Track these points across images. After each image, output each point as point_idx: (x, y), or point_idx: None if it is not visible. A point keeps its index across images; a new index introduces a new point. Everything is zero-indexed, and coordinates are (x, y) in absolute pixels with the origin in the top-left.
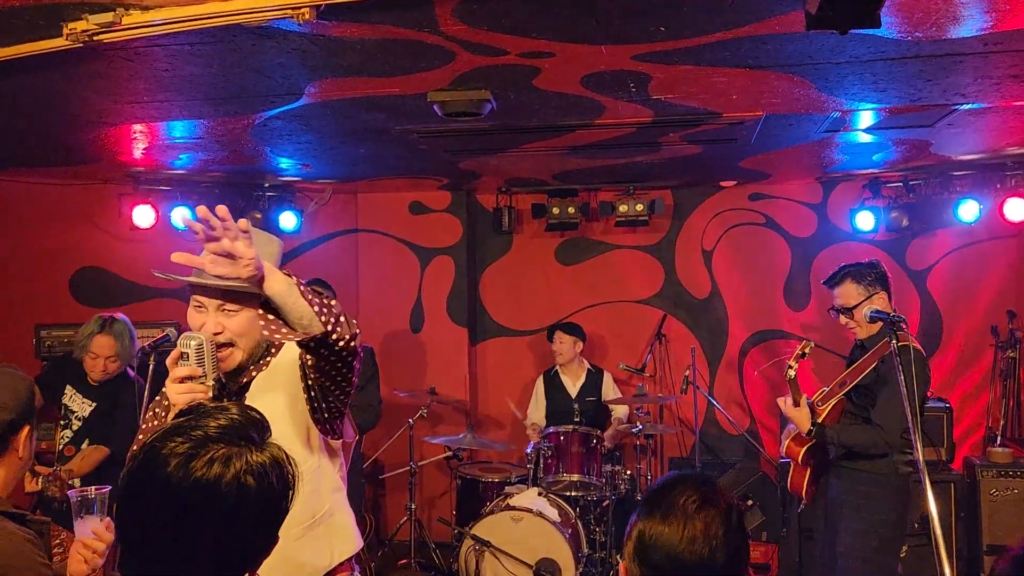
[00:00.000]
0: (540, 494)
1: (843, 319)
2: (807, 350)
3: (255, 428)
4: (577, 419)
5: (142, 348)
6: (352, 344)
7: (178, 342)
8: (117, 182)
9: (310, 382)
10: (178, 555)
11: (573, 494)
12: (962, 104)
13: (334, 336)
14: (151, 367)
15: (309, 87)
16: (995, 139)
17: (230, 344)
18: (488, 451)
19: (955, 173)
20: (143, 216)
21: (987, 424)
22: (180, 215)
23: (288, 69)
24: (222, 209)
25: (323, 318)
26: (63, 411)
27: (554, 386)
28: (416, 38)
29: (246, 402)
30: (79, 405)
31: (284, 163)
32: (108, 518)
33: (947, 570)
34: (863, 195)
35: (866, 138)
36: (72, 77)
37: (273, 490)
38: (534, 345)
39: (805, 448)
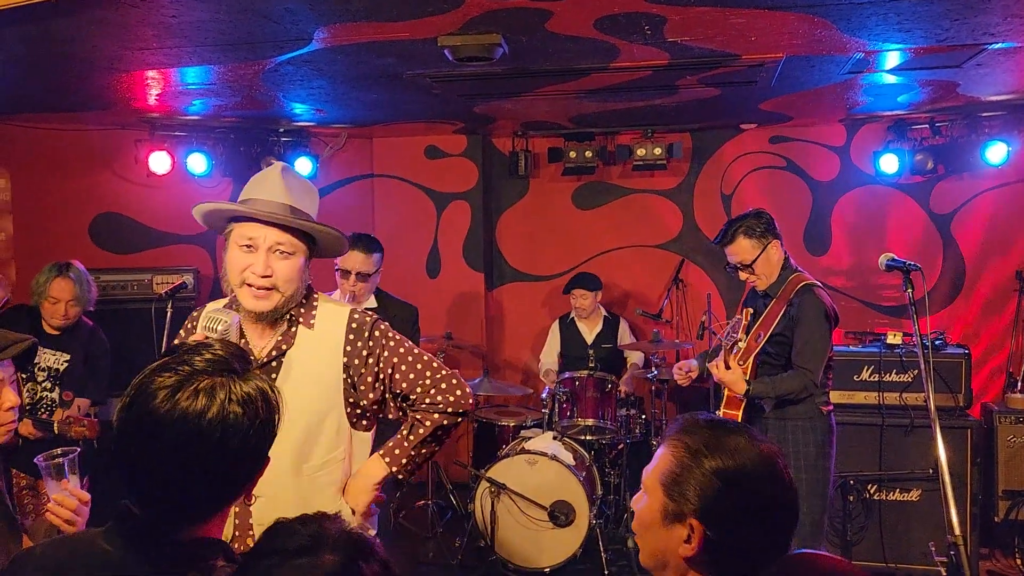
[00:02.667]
0: (555, 438)
1: (743, 275)
2: (749, 320)
3: (238, 360)
4: (592, 365)
5: (159, 295)
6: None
7: (201, 323)
8: (133, 128)
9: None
10: (171, 483)
11: (588, 438)
12: (991, 44)
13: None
14: (169, 314)
15: (318, 32)
16: None
17: (273, 288)
18: (504, 395)
19: (983, 114)
20: (159, 162)
21: (1008, 371)
22: (196, 161)
23: (296, 15)
24: None
25: (437, 447)
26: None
27: (570, 332)
28: None
29: (277, 383)
30: (41, 356)
31: (298, 108)
32: (76, 477)
33: (953, 514)
34: (887, 137)
35: (891, 79)
36: (81, 23)
37: (259, 416)
38: (550, 290)
39: (742, 410)
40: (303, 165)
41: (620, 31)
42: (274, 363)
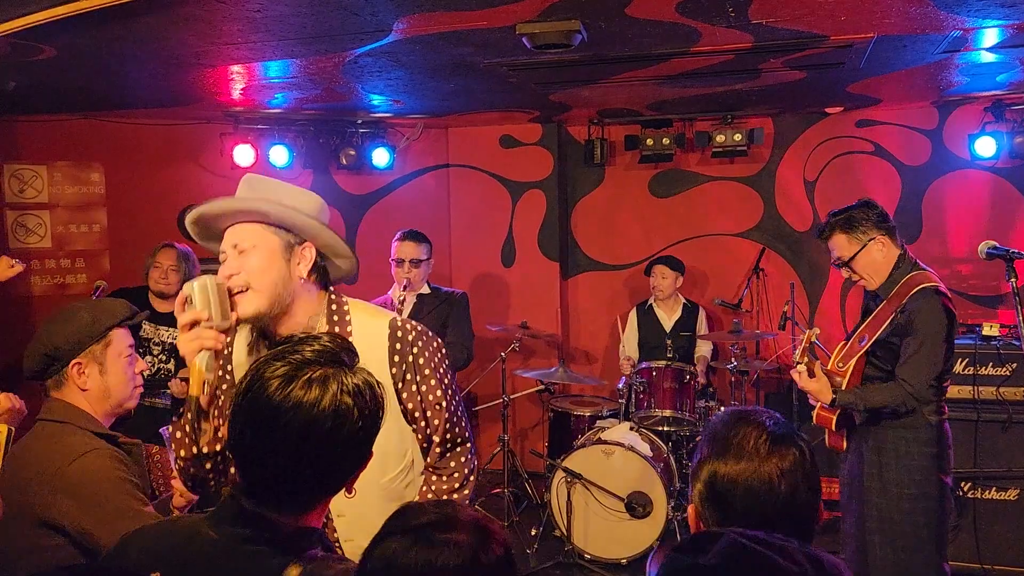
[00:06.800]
0: (632, 428)
1: (845, 273)
2: (814, 339)
3: (346, 353)
4: (670, 355)
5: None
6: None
7: (183, 287)
8: (218, 122)
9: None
10: (281, 471)
11: (665, 429)
12: None
13: None
14: None
15: (397, 23)
16: None
17: (247, 288)
18: (579, 385)
19: None
20: (243, 155)
21: None
22: (278, 153)
23: (375, 6)
24: None
25: None
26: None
27: (648, 319)
28: None
29: None
30: (154, 332)
31: (376, 99)
32: None
33: None
34: (984, 119)
35: (989, 57)
36: (169, 20)
37: (368, 408)
38: (626, 279)
39: (837, 415)
40: (380, 156)
41: (702, 14)
42: None
